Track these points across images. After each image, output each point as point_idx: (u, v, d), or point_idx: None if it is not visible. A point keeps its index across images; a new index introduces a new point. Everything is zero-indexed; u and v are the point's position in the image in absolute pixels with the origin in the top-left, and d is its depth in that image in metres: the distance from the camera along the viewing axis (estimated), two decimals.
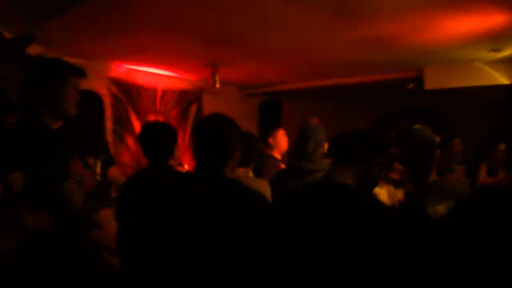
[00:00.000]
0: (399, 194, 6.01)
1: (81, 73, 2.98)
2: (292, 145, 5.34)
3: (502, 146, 6.34)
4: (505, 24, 4.78)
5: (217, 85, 6.98)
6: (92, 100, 6.48)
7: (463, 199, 2.40)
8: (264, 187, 3.64)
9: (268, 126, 9.70)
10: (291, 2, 4.00)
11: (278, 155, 5.63)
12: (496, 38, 5.37)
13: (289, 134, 8.01)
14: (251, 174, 3.81)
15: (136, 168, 6.61)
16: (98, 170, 4.34)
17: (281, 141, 5.63)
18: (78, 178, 3.23)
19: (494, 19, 4.63)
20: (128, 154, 6.94)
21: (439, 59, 6.62)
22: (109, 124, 6.85)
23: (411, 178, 2.96)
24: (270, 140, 5.78)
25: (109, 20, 4.58)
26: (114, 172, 4.83)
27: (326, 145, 4.06)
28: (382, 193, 4.27)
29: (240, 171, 3.59)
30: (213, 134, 2.50)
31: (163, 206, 2.54)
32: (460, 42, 5.53)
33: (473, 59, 6.58)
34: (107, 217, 4.28)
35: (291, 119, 10.04)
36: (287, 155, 5.79)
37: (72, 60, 5.88)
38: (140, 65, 6.95)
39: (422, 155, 2.85)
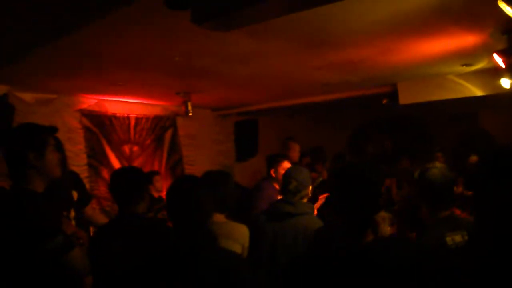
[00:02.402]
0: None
1: (54, 130, 3.04)
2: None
3: (473, 158, 6.16)
4: (475, 43, 4.77)
5: (190, 114, 6.86)
6: None
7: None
8: (243, 232, 3.66)
9: (245, 144, 9.66)
10: (257, 35, 3.93)
11: (277, 187, 5.41)
12: (467, 55, 5.33)
13: (267, 150, 7.94)
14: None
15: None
16: (72, 214, 4.23)
17: None
18: (81, 241, 3.21)
19: (464, 39, 4.61)
20: (105, 187, 6.79)
21: (412, 75, 6.59)
22: (83, 158, 6.68)
23: (430, 212, 3.13)
24: (272, 171, 5.63)
25: (78, 59, 4.54)
26: (90, 210, 4.76)
27: (310, 188, 4.00)
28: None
29: (218, 217, 3.55)
30: (187, 199, 2.51)
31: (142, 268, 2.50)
32: (432, 59, 5.50)
33: (446, 73, 6.53)
34: None
35: (269, 134, 9.97)
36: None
37: (39, 96, 5.87)
38: (111, 96, 6.79)
39: (443, 193, 3.08)
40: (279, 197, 4.72)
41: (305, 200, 3.96)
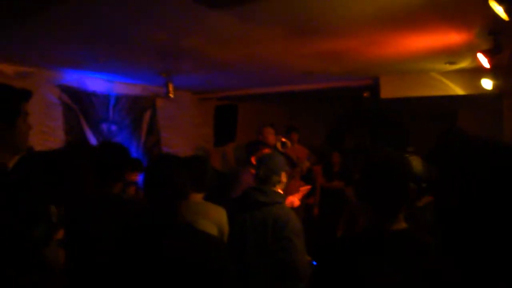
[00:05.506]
0: None
1: (28, 95, 2.44)
2: None
3: None
4: (461, 41, 4.80)
5: (171, 95, 6.77)
6: None
7: None
8: (219, 213, 3.55)
9: (224, 129, 9.59)
10: (245, 19, 3.89)
11: None
12: (451, 53, 5.36)
13: (246, 136, 7.89)
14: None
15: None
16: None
17: None
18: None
19: (450, 37, 4.63)
20: None
21: (395, 70, 6.60)
22: (60, 135, 6.55)
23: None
24: (253, 158, 5.55)
25: (61, 31, 4.39)
26: None
27: (283, 175, 3.88)
28: None
29: (195, 197, 3.46)
30: (164, 177, 2.44)
31: (113, 251, 2.44)
32: (416, 55, 5.53)
33: (429, 70, 6.56)
34: None
35: (247, 121, 9.91)
36: None
37: (19, 68, 5.71)
38: (92, 72, 6.67)
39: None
40: None
41: (278, 186, 3.86)
